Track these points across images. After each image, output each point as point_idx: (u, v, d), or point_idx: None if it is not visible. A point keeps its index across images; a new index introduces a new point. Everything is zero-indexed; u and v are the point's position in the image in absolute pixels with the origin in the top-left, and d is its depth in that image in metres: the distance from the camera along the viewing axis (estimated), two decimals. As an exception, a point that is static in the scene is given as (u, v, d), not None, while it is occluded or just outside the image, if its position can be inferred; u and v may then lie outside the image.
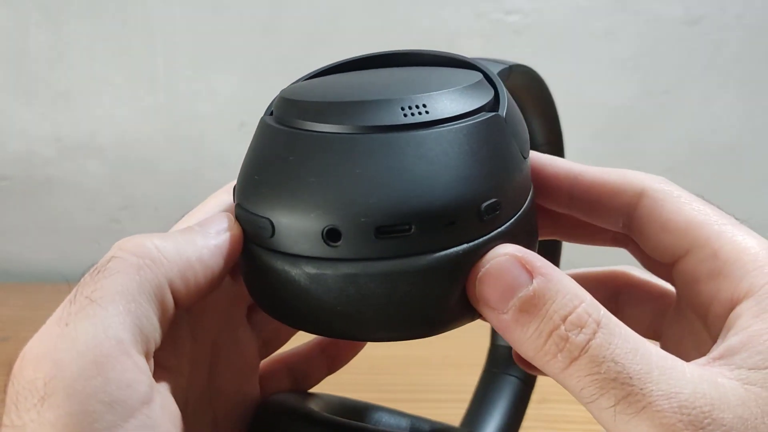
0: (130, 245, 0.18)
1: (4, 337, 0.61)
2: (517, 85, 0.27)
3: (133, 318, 0.17)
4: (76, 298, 0.17)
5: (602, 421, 0.17)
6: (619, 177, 0.22)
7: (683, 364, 0.17)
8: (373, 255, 0.18)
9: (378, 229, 0.18)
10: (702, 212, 0.21)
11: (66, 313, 0.17)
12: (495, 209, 0.19)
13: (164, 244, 0.19)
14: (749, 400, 0.17)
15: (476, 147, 0.19)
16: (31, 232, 0.77)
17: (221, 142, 0.73)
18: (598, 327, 0.17)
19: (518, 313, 0.18)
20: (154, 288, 0.18)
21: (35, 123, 0.73)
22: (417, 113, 0.19)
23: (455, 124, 0.19)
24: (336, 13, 0.70)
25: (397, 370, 0.54)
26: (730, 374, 0.17)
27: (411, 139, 0.18)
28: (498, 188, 0.19)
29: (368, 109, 0.19)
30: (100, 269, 0.18)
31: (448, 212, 0.18)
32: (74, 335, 0.16)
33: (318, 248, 0.18)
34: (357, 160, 0.18)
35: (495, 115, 0.20)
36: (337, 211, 0.18)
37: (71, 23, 0.70)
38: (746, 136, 0.75)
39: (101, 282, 0.17)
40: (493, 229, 0.19)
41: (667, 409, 0.16)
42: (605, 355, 0.17)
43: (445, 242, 0.18)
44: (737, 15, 0.71)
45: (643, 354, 0.17)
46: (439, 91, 0.19)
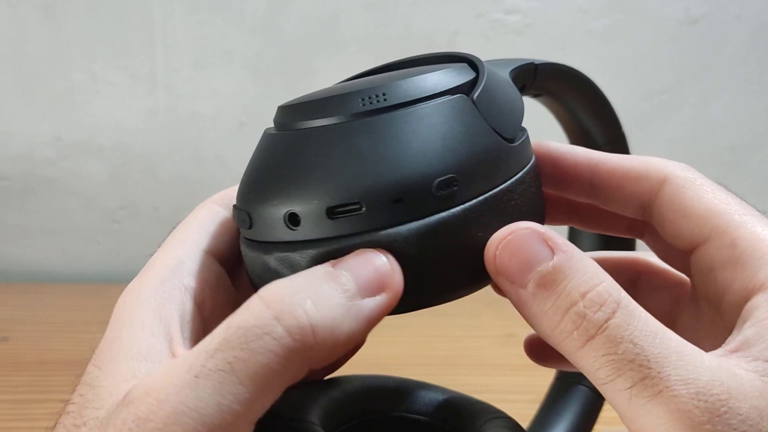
0: (287, 320, 0.17)
1: (4, 337, 0.61)
2: (561, 87, 0.28)
3: (263, 398, 0.17)
4: (216, 355, 0.17)
5: (616, 403, 0.17)
6: (642, 164, 0.22)
7: (702, 353, 0.17)
8: (329, 234, 0.19)
9: (330, 209, 0.19)
10: (723, 201, 0.20)
11: (199, 365, 0.16)
12: (450, 185, 0.19)
13: (321, 320, 0.17)
14: (766, 391, 0.17)
15: (432, 127, 0.19)
16: (31, 232, 0.77)
17: (221, 142, 0.73)
18: (618, 307, 0.17)
19: (536, 287, 0.18)
20: (296, 373, 0.17)
21: (35, 123, 0.73)
22: (375, 101, 0.20)
23: (411, 108, 0.20)
24: (336, 14, 0.70)
25: (397, 370, 0.54)
26: (747, 366, 0.17)
27: (365, 124, 0.19)
28: (455, 165, 0.19)
29: (331, 105, 0.20)
30: (251, 338, 0.16)
31: (395, 189, 0.18)
32: (201, 395, 0.16)
33: (283, 233, 0.20)
34: (316, 150, 0.20)
35: (459, 97, 0.20)
36: (295, 196, 0.19)
37: (71, 23, 0.70)
38: (746, 136, 0.75)
39: (248, 354, 0.16)
40: (450, 205, 0.19)
41: (684, 395, 0.16)
42: (624, 336, 0.17)
43: (395, 218, 0.19)
44: (737, 15, 0.71)
45: (662, 338, 0.17)
46: (402, 80, 0.20)
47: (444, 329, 0.61)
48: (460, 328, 0.62)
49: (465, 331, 0.61)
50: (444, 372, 0.54)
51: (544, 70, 0.26)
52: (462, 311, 0.67)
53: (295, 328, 0.17)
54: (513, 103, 0.22)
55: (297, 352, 0.17)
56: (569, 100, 0.29)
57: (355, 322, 0.18)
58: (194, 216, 0.24)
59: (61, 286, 0.75)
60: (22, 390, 0.53)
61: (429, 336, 0.60)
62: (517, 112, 0.22)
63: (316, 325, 0.17)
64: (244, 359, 0.16)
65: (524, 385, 0.52)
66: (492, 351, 0.57)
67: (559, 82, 0.28)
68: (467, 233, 0.19)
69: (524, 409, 0.44)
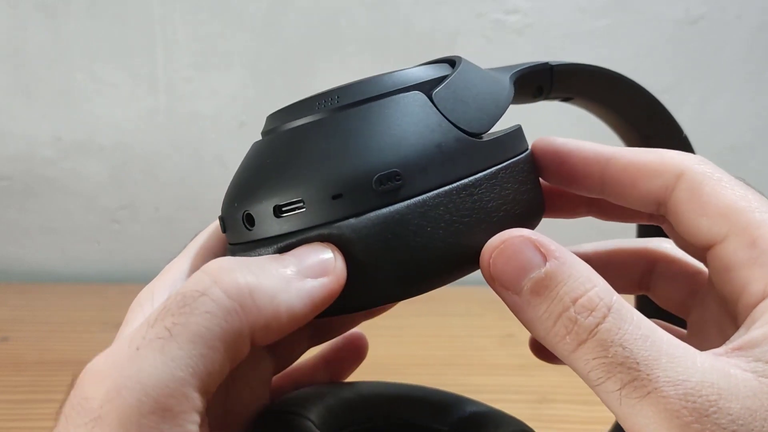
0: (225, 282, 0.17)
1: (4, 337, 0.61)
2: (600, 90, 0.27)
3: (206, 363, 0.17)
4: (156, 324, 0.17)
5: (609, 405, 0.17)
6: (656, 158, 0.21)
7: (695, 354, 0.17)
8: (277, 232, 0.20)
9: (276, 208, 0.19)
10: (743, 197, 0.20)
11: (140, 336, 0.17)
12: (392, 180, 0.19)
13: (259, 285, 0.18)
14: (761, 392, 0.17)
15: (377, 124, 0.19)
16: (31, 232, 0.77)
17: (221, 142, 0.73)
18: (609, 311, 0.17)
19: (530, 294, 0.18)
20: (236, 336, 0.17)
21: (35, 123, 0.73)
22: (328, 104, 0.20)
23: (359, 107, 0.20)
24: (336, 14, 0.70)
25: (397, 370, 0.54)
26: (745, 366, 0.17)
27: (313, 126, 0.20)
28: (399, 160, 0.19)
29: (294, 110, 0.21)
30: (188, 302, 0.17)
31: (333, 185, 0.19)
32: (141, 365, 0.16)
33: (243, 234, 0.21)
34: (269, 154, 0.21)
35: (411, 93, 0.20)
36: (249, 198, 0.20)
37: (71, 23, 0.70)
38: (746, 136, 0.75)
39: (185, 318, 0.17)
40: (395, 200, 0.19)
41: (672, 396, 0.16)
42: (614, 340, 0.17)
43: (336, 214, 0.19)
44: (737, 15, 0.71)
45: (653, 341, 0.17)
46: (357, 82, 0.21)
47: (444, 329, 0.61)
48: (460, 328, 0.62)
49: (465, 331, 0.61)
50: (444, 372, 0.54)
51: (562, 71, 0.26)
52: (462, 311, 0.67)
53: (232, 289, 0.17)
54: (489, 99, 0.22)
55: (235, 313, 0.17)
56: (617, 104, 0.28)
57: (296, 297, 0.18)
58: (213, 224, 0.24)
59: (61, 286, 0.75)
60: (22, 390, 0.52)
61: (429, 336, 0.60)
62: (493, 108, 0.21)
63: (254, 289, 0.17)
64: (182, 323, 0.17)
65: (524, 385, 0.52)
66: (492, 351, 0.57)
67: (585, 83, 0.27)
68: (414, 229, 0.19)
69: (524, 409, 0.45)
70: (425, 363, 0.56)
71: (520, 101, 0.27)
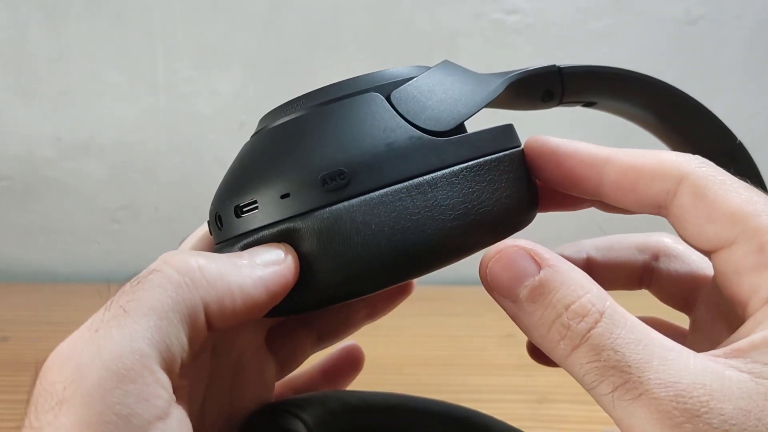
0: (174, 261, 0.18)
1: (4, 337, 0.61)
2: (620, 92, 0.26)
3: (162, 335, 0.17)
4: (111, 306, 0.17)
5: (604, 407, 0.18)
6: (656, 161, 0.21)
7: (688, 356, 0.17)
8: (238, 232, 0.21)
9: (237, 208, 0.20)
10: (749, 201, 0.19)
11: (99, 319, 0.17)
12: (336, 178, 0.19)
13: (209, 265, 0.19)
14: (757, 393, 0.17)
15: (328, 125, 0.20)
16: (31, 232, 0.77)
17: (221, 142, 0.73)
18: (601, 317, 0.18)
19: (525, 301, 0.19)
20: (188, 308, 0.18)
21: (35, 123, 0.73)
22: (296, 108, 0.21)
23: (315, 109, 0.20)
24: (336, 13, 0.70)
25: (398, 370, 0.54)
26: (743, 367, 0.17)
27: (276, 130, 0.21)
28: (345, 159, 0.19)
29: (271, 115, 0.22)
30: (140, 280, 0.18)
31: (281, 184, 0.20)
32: (101, 343, 0.16)
33: (216, 234, 0.22)
34: (239, 158, 0.22)
35: (367, 95, 0.20)
36: (218, 200, 0.22)
37: (71, 23, 0.70)
38: (746, 136, 0.75)
39: (138, 294, 0.17)
40: (342, 198, 0.19)
41: (663, 397, 0.17)
42: (606, 344, 0.17)
43: (285, 212, 0.20)
44: (737, 15, 0.71)
45: (646, 344, 0.17)
46: (327, 85, 0.21)
47: (444, 329, 0.61)
48: (460, 328, 0.62)
49: (465, 331, 0.61)
50: (444, 372, 0.54)
51: (575, 75, 0.25)
52: (462, 311, 0.67)
53: (182, 265, 0.18)
54: (458, 99, 0.21)
55: (185, 285, 0.18)
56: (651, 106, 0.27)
57: (248, 278, 0.19)
58: (203, 226, 0.25)
59: (61, 286, 0.75)
60: (22, 390, 0.52)
61: (429, 336, 0.60)
62: (460, 107, 0.21)
63: (204, 267, 0.18)
64: (135, 299, 0.17)
65: (524, 385, 0.52)
66: (492, 351, 0.57)
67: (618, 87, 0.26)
68: (361, 227, 0.19)
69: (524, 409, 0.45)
70: (425, 363, 0.56)
71: (527, 107, 0.26)
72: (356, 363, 0.31)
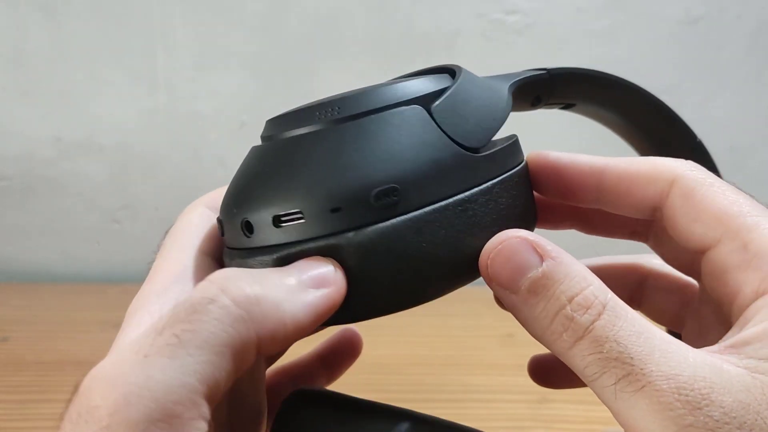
0: (232, 290, 0.18)
1: (4, 337, 0.61)
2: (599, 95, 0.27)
3: (213, 369, 0.17)
4: (164, 332, 0.17)
5: (604, 399, 0.18)
6: (650, 166, 0.22)
7: (687, 350, 0.18)
8: (277, 242, 0.20)
9: (275, 218, 0.20)
10: (735, 202, 0.20)
11: (147, 343, 0.17)
12: (389, 195, 0.19)
13: (265, 295, 0.18)
14: (754, 387, 0.17)
15: (377, 138, 0.20)
16: (31, 232, 0.77)
17: (221, 142, 0.73)
18: (604, 309, 0.18)
19: (527, 293, 0.19)
20: (243, 343, 0.17)
21: (35, 123, 0.73)
22: (328, 114, 0.20)
23: (358, 120, 0.20)
24: (336, 13, 0.70)
25: (398, 370, 0.54)
26: (739, 362, 0.18)
27: (313, 137, 0.20)
28: (397, 176, 0.19)
29: (294, 119, 0.21)
30: (197, 309, 0.17)
31: (332, 198, 0.19)
32: (150, 372, 0.16)
33: (241, 240, 0.21)
34: (269, 162, 0.21)
35: (411, 108, 0.20)
36: (249, 206, 0.20)
37: (71, 23, 0.70)
38: (746, 136, 0.75)
39: (195, 324, 0.17)
40: (392, 215, 0.19)
41: (665, 389, 0.17)
42: (608, 336, 0.18)
43: (335, 227, 0.19)
44: (737, 15, 0.71)
45: (647, 337, 0.18)
46: (358, 93, 0.21)
47: (444, 329, 0.61)
48: (460, 328, 0.62)
49: (465, 331, 0.61)
50: (444, 372, 0.54)
51: (560, 76, 0.26)
52: (462, 311, 0.67)
53: (240, 297, 0.17)
54: (486, 112, 0.22)
55: (243, 321, 0.17)
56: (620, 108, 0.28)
57: (300, 307, 0.18)
58: (188, 220, 0.24)
59: (61, 286, 0.75)
60: (22, 390, 0.53)
61: (429, 336, 0.60)
62: (491, 122, 0.22)
63: (260, 298, 0.18)
64: (191, 330, 0.17)
65: (524, 385, 0.52)
66: (492, 351, 0.57)
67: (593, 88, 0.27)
68: (411, 244, 0.19)
69: (524, 409, 0.45)
70: (425, 363, 0.56)
71: (517, 109, 0.27)
72: (354, 349, 0.31)
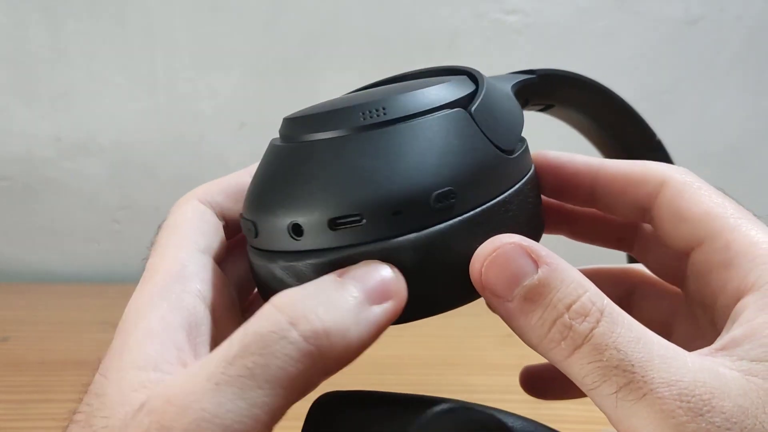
0: (302, 325, 0.17)
1: (4, 337, 0.61)
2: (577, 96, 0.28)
3: (281, 402, 0.17)
4: (235, 362, 0.17)
5: (604, 408, 0.18)
6: (642, 168, 0.23)
7: (684, 354, 0.18)
8: (331, 245, 0.20)
9: (331, 221, 0.19)
10: (720, 205, 0.21)
11: (219, 372, 0.17)
12: (447, 198, 0.19)
13: (335, 325, 0.17)
14: (750, 390, 0.17)
15: (430, 141, 0.20)
16: (31, 232, 0.77)
17: (221, 142, 0.73)
18: (602, 315, 0.18)
19: (523, 301, 0.18)
20: (311, 376, 0.17)
21: (35, 123, 0.73)
22: (375, 115, 0.20)
23: (410, 122, 0.20)
24: (336, 13, 0.70)
25: (398, 370, 0.54)
26: (732, 365, 0.17)
27: (365, 138, 0.20)
28: (453, 178, 0.19)
29: (333, 118, 0.21)
30: (268, 343, 0.17)
31: (394, 201, 0.19)
32: (222, 401, 0.16)
33: (287, 243, 0.20)
34: (318, 163, 0.20)
35: (457, 111, 0.21)
36: (297, 208, 0.20)
37: (71, 23, 0.70)
38: (746, 136, 0.75)
39: (267, 359, 0.17)
40: (448, 217, 0.19)
41: (667, 397, 0.16)
42: (608, 343, 0.17)
43: (395, 230, 0.19)
44: (737, 15, 0.71)
45: (645, 343, 0.17)
46: (401, 94, 0.21)
47: (444, 329, 0.61)
48: (460, 328, 0.62)
49: (465, 331, 0.61)
50: (444, 372, 0.54)
51: (546, 78, 0.26)
52: (462, 311, 0.67)
53: (309, 332, 0.17)
54: (511, 115, 0.22)
55: (312, 356, 0.17)
56: (592, 110, 0.29)
57: (365, 328, 0.18)
58: (182, 215, 0.24)
59: (61, 286, 0.75)
60: (22, 390, 0.53)
61: (429, 336, 0.60)
62: (516, 124, 0.22)
63: (330, 330, 0.17)
64: (263, 364, 0.17)
65: (524, 385, 0.52)
66: (492, 351, 0.57)
67: (569, 91, 0.28)
68: (464, 244, 0.20)
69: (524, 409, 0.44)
70: (425, 363, 0.56)
71: None
72: None
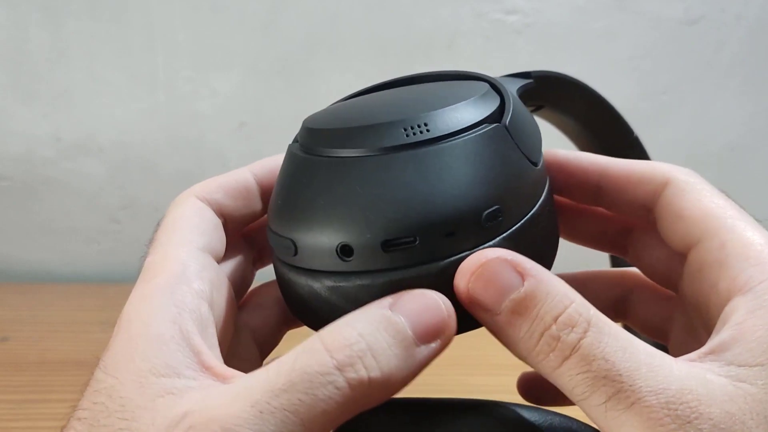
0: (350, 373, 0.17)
1: (4, 337, 0.61)
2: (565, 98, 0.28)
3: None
4: (280, 396, 0.17)
5: (593, 418, 0.18)
6: (647, 167, 0.23)
7: (671, 361, 0.18)
8: (382, 267, 0.19)
9: (384, 243, 0.19)
10: (719, 206, 0.21)
11: (264, 400, 0.17)
12: (496, 217, 0.19)
13: (378, 371, 0.18)
14: (738, 396, 0.17)
15: (476, 159, 0.20)
16: (31, 232, 0.77)
17: (221, 142, 0.73)
18: (589, 326, 0.18)
19: (510, 314, 0.18)
20: (351, 415, 0.18)
21: (35, 123, 0.73)
22: (418, 132, 0.20)
23: (455, 140, 0.20)
24: (336, 13, 0.70)
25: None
26: (719, 370, 0.17)
27: (412, 157, 0.20)
28: (499, 196, 0.20)
29: (373, 133, 0.20)
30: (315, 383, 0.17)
31: (448, 223, 0.19)
32: (264, 430, 0.17)
33: (334, 263, 0.20)
34: (364, 181, 0.20)
35: (496, 126, 0.20)
36: (347, 229, 0.19)
37: (71, 23, 0.70)
38: (746, 136, 0.75)
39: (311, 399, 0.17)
40: (495, 235, 0.20)
41: (655, 405, 0.16)
42: (596, 353, 0.17)
43: (447, 251, 0.19)
44: (737, 15, 0.71)
45: (632, 352, 0.17)
46: (440, 109, 0.20)
47: (444, 329, 0.61)
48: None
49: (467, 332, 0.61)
50: (444, 372, 0.54)
51: (541, 80, 0.27)
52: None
53: (355, 381, 0.17)
54: (532, 125, 0.23)
55: (355, 402, 0.17)
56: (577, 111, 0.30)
57: (409, 372, 0.18)
58: (181, 213, 0.23)
59: (61, 286, 0.75)
60: (22, 390, 0.53)
61: (429, 336, 0.60)
62: (537, 133, 0.23)
63: (374, 379, 0.17)
64: (307, 403, 0.17)
65: (524, 385, 0.52)
66: (492, 351, 0.57)
67: (560, 92, 0.28)
68: None
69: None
70: (425, 363, 0.55)
71: None
72: None
